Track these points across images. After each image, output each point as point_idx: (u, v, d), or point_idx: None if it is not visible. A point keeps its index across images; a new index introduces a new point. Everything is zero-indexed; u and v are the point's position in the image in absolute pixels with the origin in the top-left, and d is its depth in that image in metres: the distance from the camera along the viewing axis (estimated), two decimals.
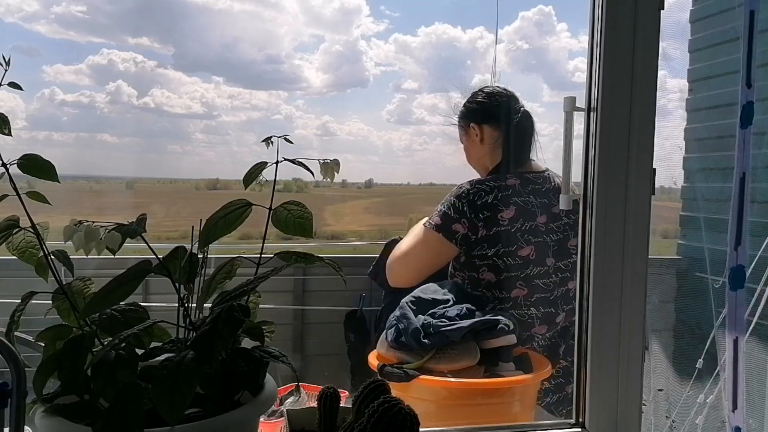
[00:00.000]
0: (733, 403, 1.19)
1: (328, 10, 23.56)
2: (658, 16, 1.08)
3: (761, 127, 1.21)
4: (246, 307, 0.73)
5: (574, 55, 6.37)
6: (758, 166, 1.25)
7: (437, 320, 1.26)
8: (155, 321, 0.73)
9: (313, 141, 14.92)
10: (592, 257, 1.11)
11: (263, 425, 1.05)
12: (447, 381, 1.17)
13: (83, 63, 14.69)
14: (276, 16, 24.74)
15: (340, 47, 24.94)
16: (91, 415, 0.67)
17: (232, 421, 0.70)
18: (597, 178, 1.10)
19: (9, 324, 0.75)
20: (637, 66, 1.08)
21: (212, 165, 7.97)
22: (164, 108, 14.25)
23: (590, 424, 1.11)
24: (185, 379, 0.64)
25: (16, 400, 0.68)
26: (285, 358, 0.78)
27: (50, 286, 0.77)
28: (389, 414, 0.68)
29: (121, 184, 6.53)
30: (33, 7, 13.39)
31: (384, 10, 30.56)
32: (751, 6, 1.15)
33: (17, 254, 0.76)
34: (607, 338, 1.11)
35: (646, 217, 1.11)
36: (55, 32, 15.37)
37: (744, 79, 1.16)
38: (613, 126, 1.09)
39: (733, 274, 1.18)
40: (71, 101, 14.31)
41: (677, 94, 1.80)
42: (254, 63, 23.89)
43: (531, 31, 16.10)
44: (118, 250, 0.73)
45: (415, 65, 29.22)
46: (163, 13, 16.20)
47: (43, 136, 11.05)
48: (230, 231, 0.77)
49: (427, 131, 16.56)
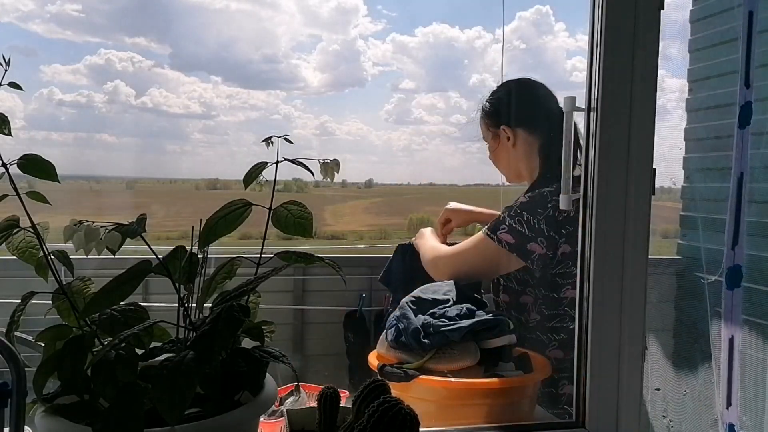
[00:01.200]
0: (728, 400, 1.20)
1: (325, 10, 23.63)
2: (658, 16, 1.09)
3: (760, 127, 1.22)
4: (246, 307, 0.73)
5: (572, 54, 6.35)
6: (756, 166, 1.25)
7: (437, 320, 1.26)
8: (155, 321, 0.73)
9: (312, 141, 14.95)
10: (592, 257, 1.11)
11: (263, 425, 1.05)
12: (447, 381, 1.17)
13: (81, 63, 14.73)
14: (273, 15, 24.78)
15: (337, 47, 25.02)
16: (91, 415, 0.67)
17: (232, 421, 0.70)
18: (597, 178, 1.10)
19: (9, 324, 0.75)
20: (637, 66, 1.08)
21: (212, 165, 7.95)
22: (162, 108, 14.30)
23: (590, 424, 1.12)
24: (185, 379, 0.64)
25: (16, 400, 0.68)
26: (285, 358, 0.78)
27: (50, 286, 0.77)
28: (389, 414, 0.68)
29: (121, 184, 6.53)
30: (28, 6, 13.44)
31: (381, 10, 30.63)
32: (749, 6, 1.15)
33: (17, 254, 0.76)
34: (607, 338, 1.12)
35: (646, 217, 1.11)
36: (52, 32, 15.40)
37: (742, 79, 1.17)
38: (613, 126, 1.09)
39: (730, 274, 1.18)
40: (69, 101, 14.36)
41: (676, 93, 1.80)
42: (251, 63, 23.96)
43: (529, 30, 16.15)
44: (118, 250, 0.73)
45: (412, 65, 29.27)
46: (159, 12, 16.26)
47: (41, 136, 11.07)
48: (230, 231, 0.77)
49: (426, 131, 16.58)
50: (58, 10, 14.85)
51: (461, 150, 1.99)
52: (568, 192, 1.17)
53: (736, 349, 1.19)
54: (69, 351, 0.69)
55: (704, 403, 1.38)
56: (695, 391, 1.46)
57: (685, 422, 1.48)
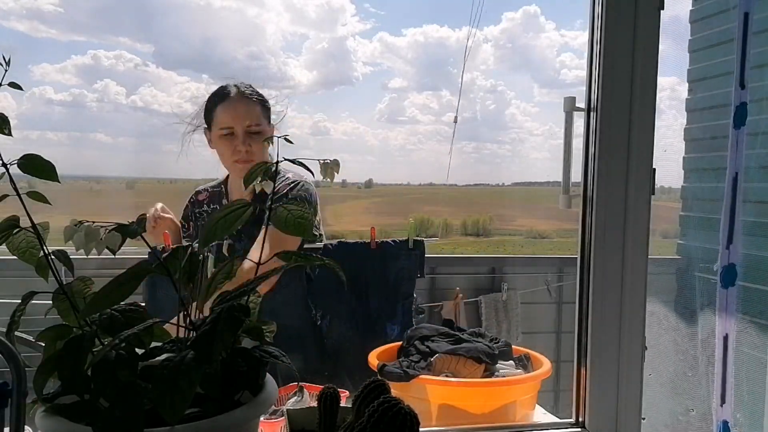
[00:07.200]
0: (721, 397, 1.20)
1: (312, 8, 23.55)
2: (658, 16, 1.09)
3: (754, 127, 1.22)
4: (246, 307, 0.73)
5: (561, 51, 6.33)
6: (751, 166, 1.25)
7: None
8: (155, 321, 0.73)
9: (309, 140, 14.94)
10: (592, 257, 1.11)
11: (263, 425, 1.05)
12: (447, 381, 1.17)
13: (68, 62, 14.73)
14: (260, 12, 24.75)
15: (326, 45, 24.96)
16: (91, 415, 0.67)
17: (232, 421, 0.70)
18: (597, 178, 1.10)
19: (9, 324, 0.75)
20: (637, 66, 1.08)
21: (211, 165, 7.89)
22: (153, 107, 14.31)
23: (590, 424, 1.12)
24: (185, 378, 0.64)
25: (16, 400, 0.68)
26: (285, 358, 0.78)
27: (50, 286, 0.77)
28: (389, 414, 0.68)
29: (121, 183, 6.52)
30: (8, 4, 13.41)
31: (369, 8, 30.65)
32: (745, 8, 1.16)
33: (17, 254, 0.76)
34: (607, 338, 1.12)
35: (646, 217, 1.11)
36: (37, 30, 15.38)
37: (738, 80, 1.17)
38: (613, 126, 1.09)
39: (725, 272, 1.18)
40: (61, 100, 14.36)
41: (667, 92, 1.80)
42: (238, 61, 23.93)
43: (518, 29, 16.16)
44: (118, 250, 0.73)
45: (402, 64, 29.20)
46: (138, 9, 16.22)
47: (36, 135, 11.07)
48: (230, 231, 0.77)
49: (422, 131, 16.57)
50: (31, 4, 14.83)
51: (458, 150, 1.99)
52: (567, 192, 1.17)
53: (731, 347, 1.19)
54: (69, 351, 0.69)
55: (701, 400, 1.38)
56: (693, 389, 1.46)
57: (684, 421, 1.48)
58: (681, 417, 1.45)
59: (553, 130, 3.05)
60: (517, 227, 12.18)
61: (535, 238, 11.56)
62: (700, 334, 1.45)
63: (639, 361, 1.13)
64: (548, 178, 4.82)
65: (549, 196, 11.63)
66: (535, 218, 12.17)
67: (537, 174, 32.84)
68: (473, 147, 17.16)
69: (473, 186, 8.41)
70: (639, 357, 1.12)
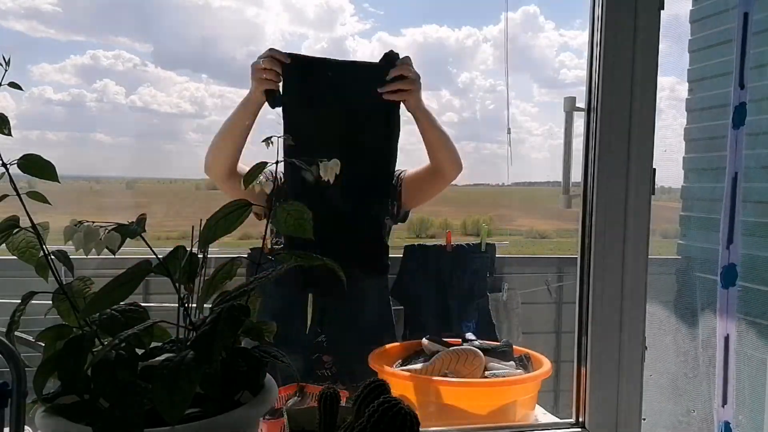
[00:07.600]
0: (723, 398, 1.20)
1: (311, 8, 23.52)
2: (658, 16, 1.09)
3: (754, 127, 1.22)
4: (246, 307, 0.73)
5: (561, 51, 6.29)
6: (751, 166, 1.25)
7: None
8: (155, 321, 0.73)
9: None
10: (592, 257, 1.11)
11: (263, 425, 1.05)
12: (447, 381, 1.17)
13: (67, 61, 14.74)
14: (259, 12, 24.74)
15: (325, 44, 24.94)
16: (91, 415, 0.67)
17: (232, 421, 0.70)
18: (597, 178, 1.10)
19: (9, 324, 0.75)
20: (637, 66, 1.08)
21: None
22: (152, 107, 14.32)
23: (590, 424, 1.12)
24: (185, 379, 0.64)
25: (16, 400, 0.68)
26: (285, 358, 0.78)
27: (50, 286, 0.77)
28: (389, 414, 0.68)
29: (121, 183, 6.53)
30: (6, 4, 13.37)
31: (368, 8, 30.63)
32: (745, 8, 1.16)
33: (17, 254, 0.76)
34: (607, 338, 1.12)
35: (646, 217, 1.11)
36: (35, 30, 15.39)
37: (737, 80, 1.17)
38: (613, 126, 1.09)
39: (725, 272, 1.18)
40: (60, 100, 14.37)
41: (667, 92, 1.80)
42: (237, 60, 23.95)
43: (517, 30, 16.17)
44: (118, 250, 0.72)
45: None
46: (137, 8, 16.24)
47: (35, 135, 11.09)
48: (230, 231, 0.77)
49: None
50: (30, 3, 14.84)
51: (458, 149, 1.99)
52: (567, 192, 1.17)
53: (732, 348, 1.19)
54: (69, 351, 0.69)
55: (703, 401, 1.38)
56: (693, 389, 1.46)
57: (683, 421, 1.48)
58: (682, 418, 1.46)
59: (552, 130, 3.04)
60: (517, 227, 12.18)
61: (535, 238, 11.55)
62: (701, 335, 1.45)
63: (639, 361, 1.12)
64: (548, 178, 4.84)
65: (549, 196, 11.62)
66: (535, 218, 12.17)
67: (537, 174, 32.84)
68: (473, 147, 17.16)
69: (473, 186, 8.39)
70: (639, 357, 1.12)
